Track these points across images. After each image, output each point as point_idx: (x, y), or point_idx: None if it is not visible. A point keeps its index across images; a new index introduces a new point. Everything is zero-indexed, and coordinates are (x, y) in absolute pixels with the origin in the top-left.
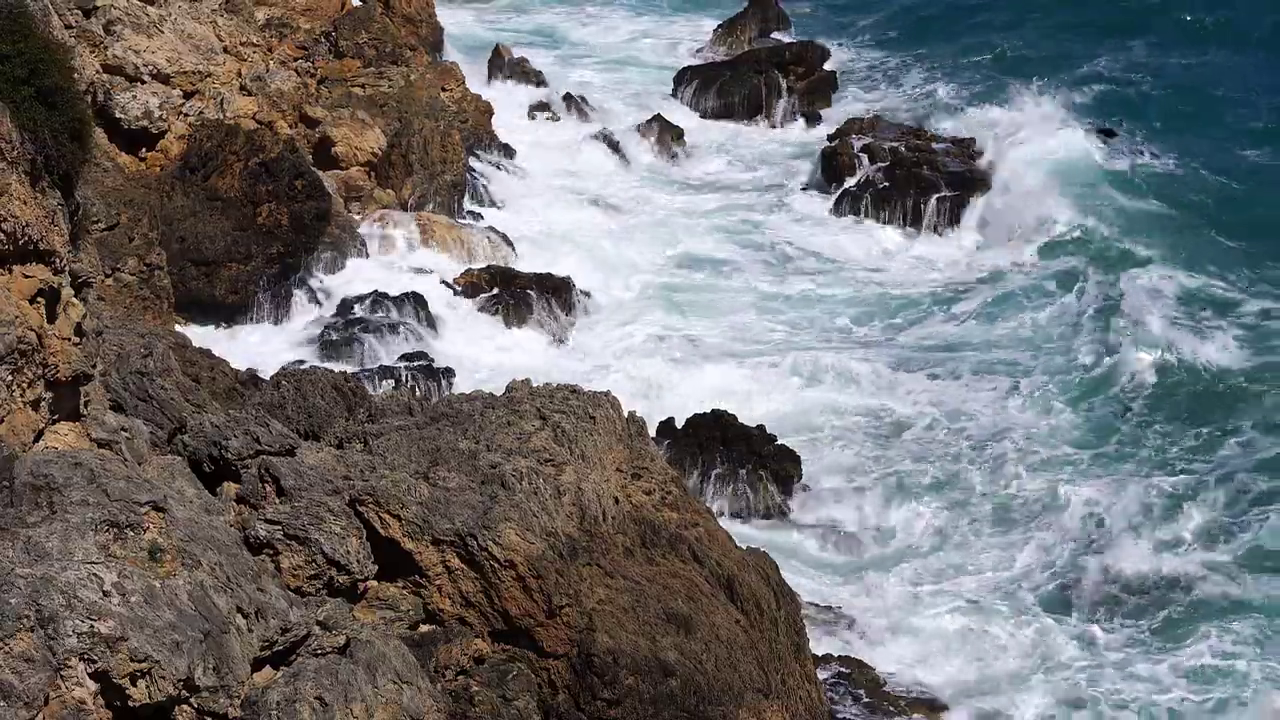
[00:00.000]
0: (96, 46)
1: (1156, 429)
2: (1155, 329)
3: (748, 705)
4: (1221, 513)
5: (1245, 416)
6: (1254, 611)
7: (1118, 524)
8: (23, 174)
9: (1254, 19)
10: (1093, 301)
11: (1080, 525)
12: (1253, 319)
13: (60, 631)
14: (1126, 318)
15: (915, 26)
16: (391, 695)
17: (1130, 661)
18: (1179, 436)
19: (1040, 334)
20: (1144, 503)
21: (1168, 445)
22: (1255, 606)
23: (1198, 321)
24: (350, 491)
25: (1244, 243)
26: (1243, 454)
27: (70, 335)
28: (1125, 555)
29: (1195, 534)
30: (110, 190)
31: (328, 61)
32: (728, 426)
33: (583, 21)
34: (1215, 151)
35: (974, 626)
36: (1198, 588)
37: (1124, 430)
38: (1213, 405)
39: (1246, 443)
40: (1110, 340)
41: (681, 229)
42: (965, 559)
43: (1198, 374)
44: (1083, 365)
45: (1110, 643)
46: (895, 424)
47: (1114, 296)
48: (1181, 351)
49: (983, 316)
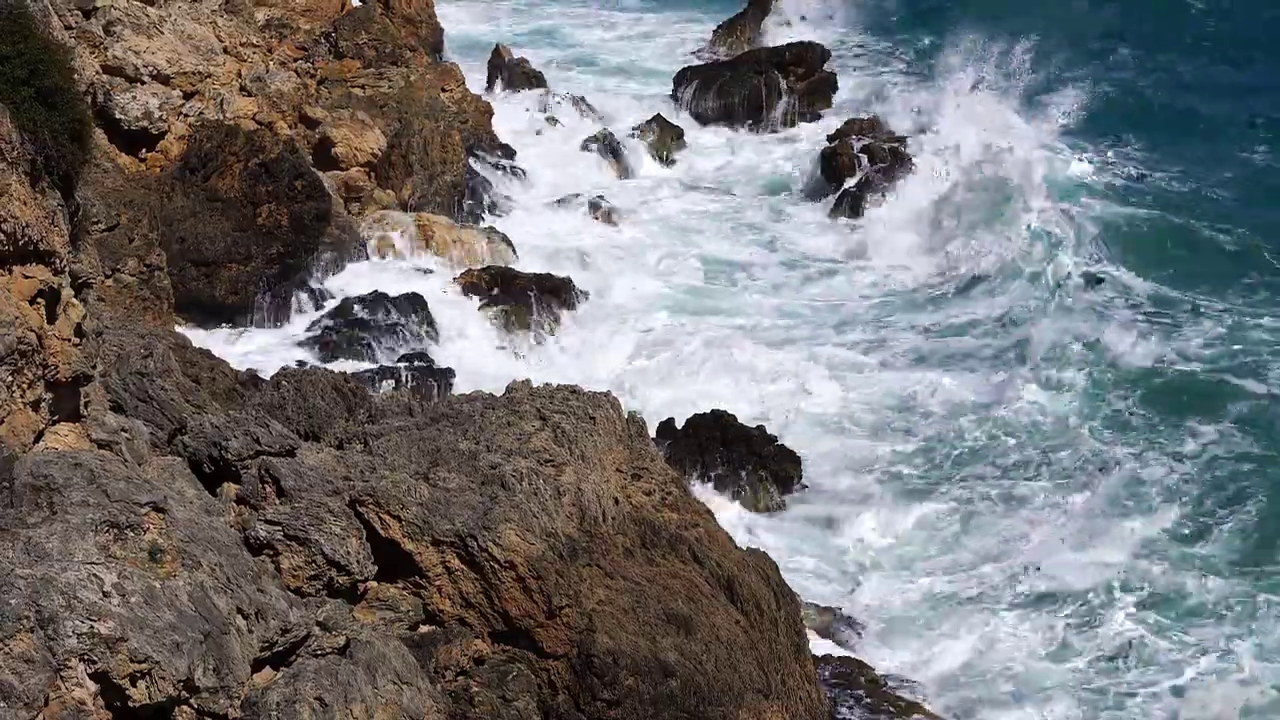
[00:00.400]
0: (96, 47)
1: (1157, 425)
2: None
3: (748, 706)
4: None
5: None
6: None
7: (1118, 521)
8: (23, 174)
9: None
10: (1076, 297)
11: (1085, 521)
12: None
13: (60, 632)
14: (1116, 319)
15: (917, 27)
16: (391, 696)
17: (1131, 658)
18: (1169, 433)
19: (1034, 332)
20: (1142, 497)
21: (1160, 439)
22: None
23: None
24: (350, 492)
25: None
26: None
27: (70, 336)
28: (1119, 551)
29: (1184, 528)
30: (110, 191)
31: (328, 62)
32: (728, 426)
33: (583, 22)
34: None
35: (974, 625)
36: (1199, 586)
37: (1132, 425)
38: (1196, 402)
39: (1225, 436)
40: (1106, 339)
41: (681, 229)
42: (966, 557)
43: (1184, 371)
44: (1081, 361)
45: (1111, 642)
46: (893, 422)
47: (1100, 295)
48: (1164, 349)
49: (982, 315)
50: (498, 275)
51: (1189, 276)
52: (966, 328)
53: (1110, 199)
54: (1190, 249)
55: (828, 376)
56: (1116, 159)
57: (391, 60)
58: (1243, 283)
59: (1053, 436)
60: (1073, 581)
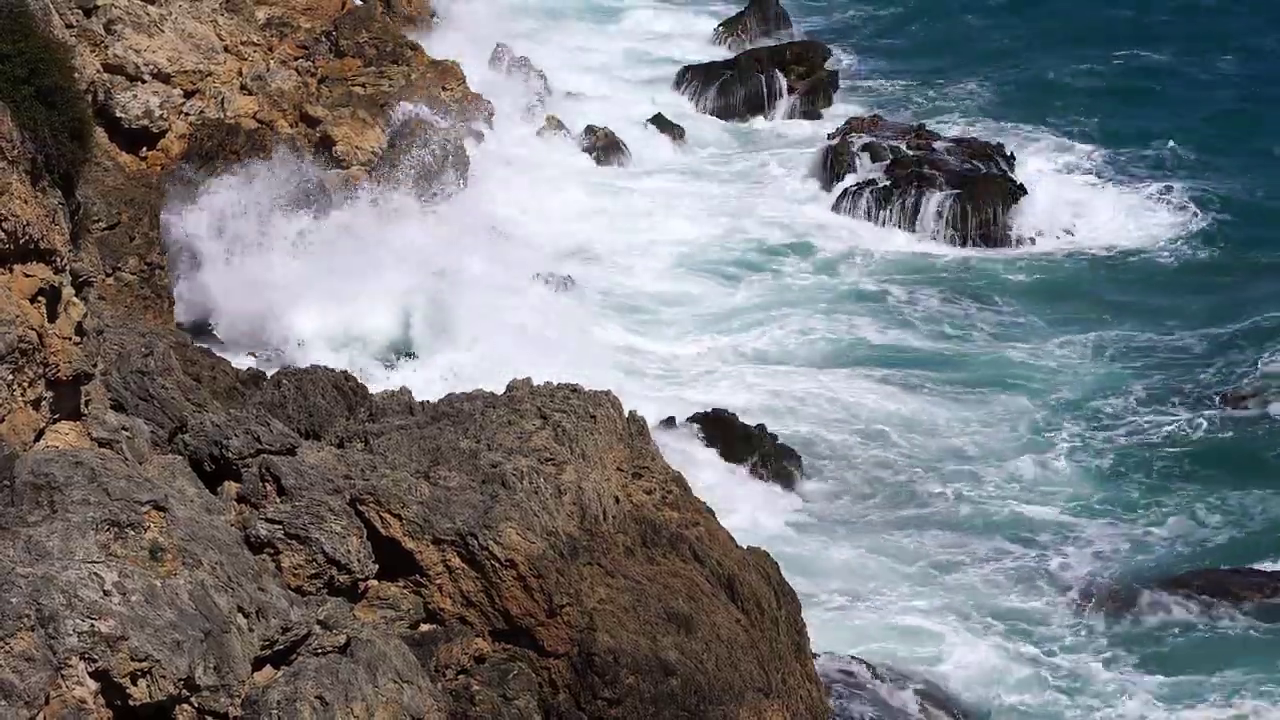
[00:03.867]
0: (97, 46)
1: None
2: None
3: (748, 705)
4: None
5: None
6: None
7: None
8: (23, 173)
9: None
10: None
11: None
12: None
13: (61, 631)
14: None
15: (920, 25)
16: (392, 694)
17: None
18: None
19: (1040, 338)
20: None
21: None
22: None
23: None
24: (351, 491)
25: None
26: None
27: (71, 334)
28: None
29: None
30: (111, 189)
31: (328, 61)
32: (728, 426)
33: (583, 22)
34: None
35: (975, 623)
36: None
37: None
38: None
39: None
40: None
41: (680, 230)
42: (966, 555)
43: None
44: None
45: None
46: (893, 424)
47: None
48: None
49: (982, 314)
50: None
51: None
52: (967, 325)
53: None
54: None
55: (828, 375)
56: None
57: (392, 59)
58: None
59: (1060, 436)
60: (1075, 580)
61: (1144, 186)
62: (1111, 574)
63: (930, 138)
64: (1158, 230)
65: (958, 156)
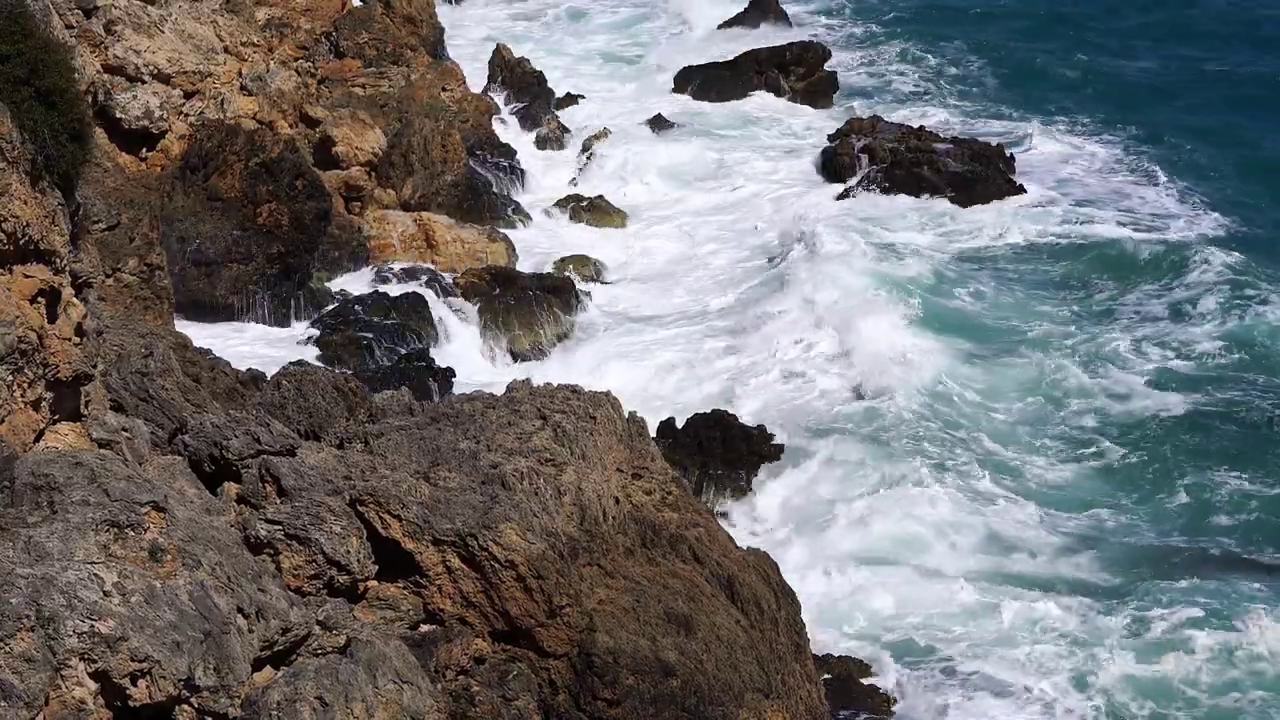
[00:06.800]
0: (97, 46)
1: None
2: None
3: (748, 705)
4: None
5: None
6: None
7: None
8: (23, 174)
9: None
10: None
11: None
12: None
13: (60, 631)
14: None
15: (920, 26)
16: (392, 695)
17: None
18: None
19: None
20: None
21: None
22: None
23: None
24: (351, 491)
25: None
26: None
27: (71, 335)
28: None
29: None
30: (111, 190)
31: (328, 61)
32: (728, 426)
33: (583, 21)
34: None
35: (974, 623)
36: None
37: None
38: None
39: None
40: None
41: (680, 229)
42: (966, 549)
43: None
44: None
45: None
46: (892, 420)
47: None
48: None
49: (984, 313)
50: (498, 275)
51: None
52: (968, 326)
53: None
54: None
55: (828, 374)
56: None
57: (392, 60)
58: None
59: (1060, 432)
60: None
61: (1144, 183)
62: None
63: (930, 138)
64: (1157, 224)
65: (958, 157)
